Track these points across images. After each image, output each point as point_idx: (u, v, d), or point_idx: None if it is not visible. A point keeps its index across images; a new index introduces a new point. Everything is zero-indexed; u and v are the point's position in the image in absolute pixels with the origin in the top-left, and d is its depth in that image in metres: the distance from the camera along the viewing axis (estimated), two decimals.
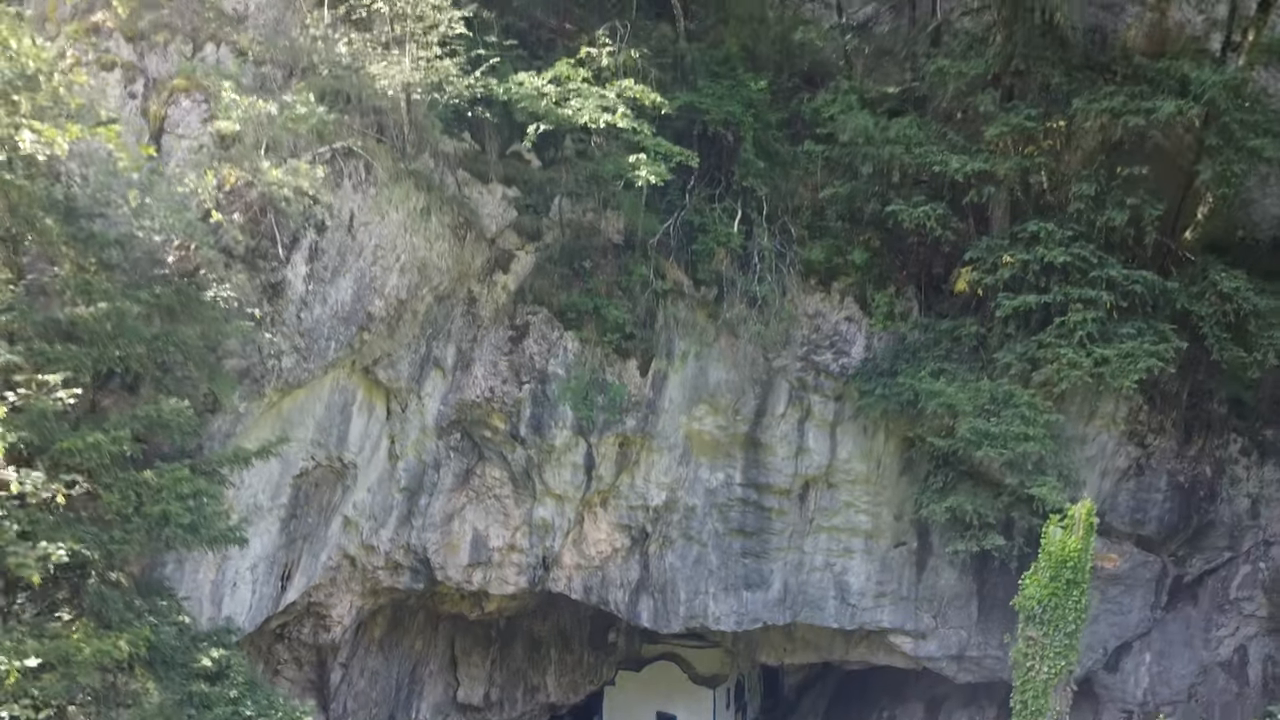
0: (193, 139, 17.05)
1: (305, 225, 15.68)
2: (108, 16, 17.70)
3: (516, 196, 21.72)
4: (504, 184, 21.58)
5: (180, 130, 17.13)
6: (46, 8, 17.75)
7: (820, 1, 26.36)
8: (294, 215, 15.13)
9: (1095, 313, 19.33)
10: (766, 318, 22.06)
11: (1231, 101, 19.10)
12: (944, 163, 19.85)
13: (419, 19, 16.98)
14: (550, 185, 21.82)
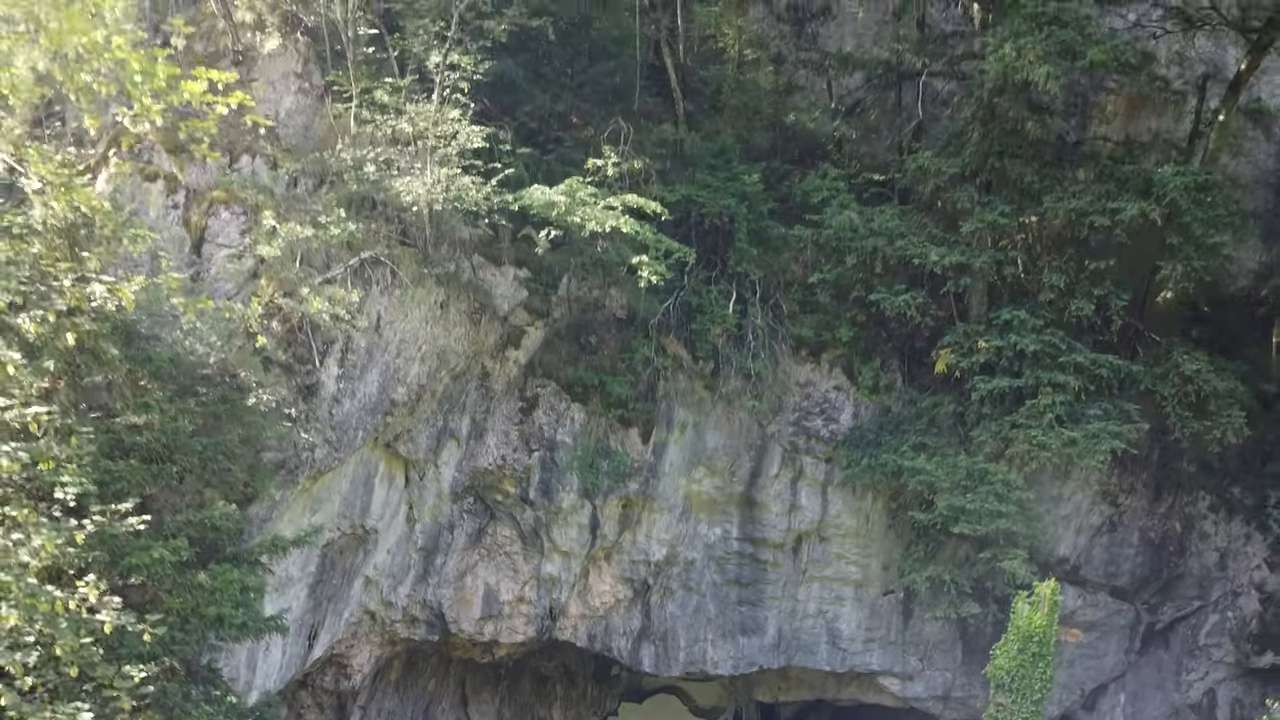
0: (232, 248, 18.66)
1: (338, 333, 17.21)
2: (149, 130, 19.28)
3: (527, 277, 23.26)
4: (515, 266, 23.12)
5: (220, 239, 18.74)
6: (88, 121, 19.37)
7: (812, 82, 27.93)
8: (328, 327, 16.67)
9: (1064, 396, 20.89)
10: (760, 391, 23.65)
11: (1192, 201, 20.67)
12: (923, 255, 21.42)
13: (440, 136, 18.51)
14: (558, 266, 23.39)
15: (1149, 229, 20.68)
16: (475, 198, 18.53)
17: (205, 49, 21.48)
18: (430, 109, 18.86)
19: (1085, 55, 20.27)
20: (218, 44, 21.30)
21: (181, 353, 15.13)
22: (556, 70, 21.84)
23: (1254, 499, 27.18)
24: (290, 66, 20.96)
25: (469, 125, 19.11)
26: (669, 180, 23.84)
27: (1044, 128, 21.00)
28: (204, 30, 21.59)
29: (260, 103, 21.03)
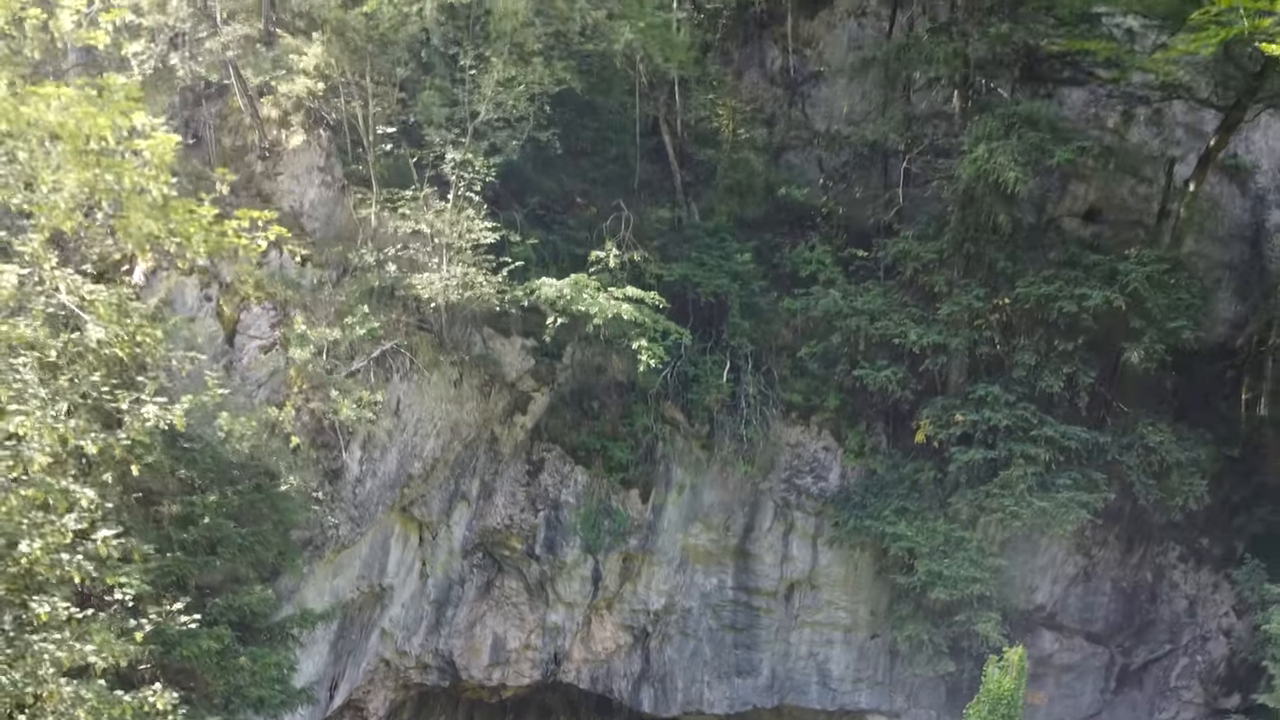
0: (262, 339, 20.21)
1: (361, 424, 18.76)
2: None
3: (534, 346, 24.77)
4: (523, 336, 24.62)
5: (251, 331, 20.28)
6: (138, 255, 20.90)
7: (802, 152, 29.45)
8: (353, 421, 18.22)
9: (1035, 467, 22.45)
10: (753, 455, 25.22)
11: (1154, 288, 22.19)
12: (903, 335, 22.99)
13: (456, 235, 20.04)
14: (563, 334, 24.90)
15: (1114, 315, 22.20)
16: (488, 292, 20.02)
17: (233, 143, 23.03)
18: (446, 208, 20.36)
19: (1054, 155, 21.82)
20: (245, 138, 22.85)
21: (222, 451, 16.64)
22: (562, 157, 23.29)
23: (1222, 550, 28.73)
24: (314, 161, 22.48)
25: (481, 222, 20.58)
26: (669, 255, 25.44)
27: (1015, 220, 22.52)
28: (231, 125, 23.17)
29: (285, 194, 22.71)
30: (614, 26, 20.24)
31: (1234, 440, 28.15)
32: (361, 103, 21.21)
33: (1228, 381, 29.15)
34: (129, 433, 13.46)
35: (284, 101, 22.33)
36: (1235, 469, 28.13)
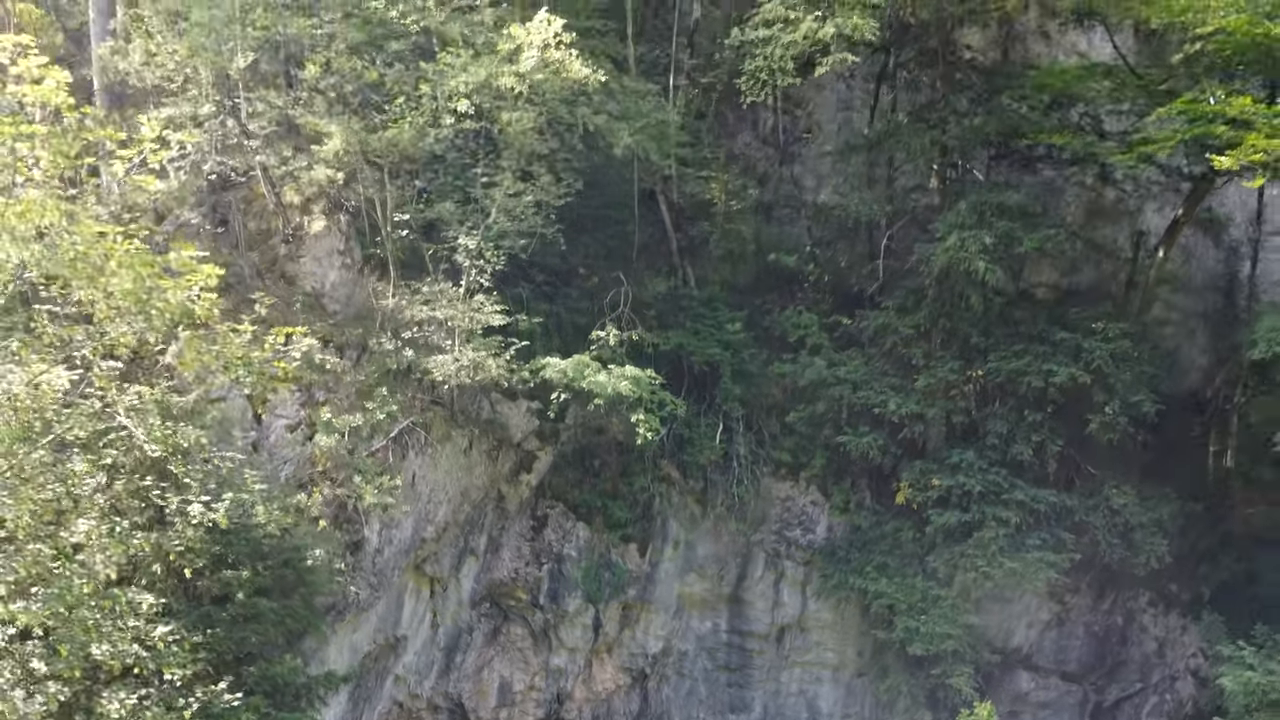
0: (289, 419, 21.86)
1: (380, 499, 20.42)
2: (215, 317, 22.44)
3: (539, 409, 26.41)
4: (528, 398, 26.26)
5: (279, 411, 21.92)
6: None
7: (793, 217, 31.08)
8: (374, 504, 19.89)
9: (1006, 529, 24.11)
10: (745, 513, 26.88)
11: (1116, 365, 23.85)
12: (883, 404, 24.66)
13: (467, 319, 21.68)
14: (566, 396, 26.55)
15: (1080, 387, 23.86)
16: (498, 373, 21.67)
17: (258, 226, 24.70)
18: (459, 293, 22.00)
19: (1023, 243, 23.48)
20: (269, 223, 24.52)
21: (255, 533, 18.27)
22: (564, 231, 24.80)
23: (1190, 595, 30.34)
24: (335, 245, 24.15)
25: (491, 306, 22.21)
26: (665, 323, 27.11)
27: (987, 299, 24.17)
28: (256, 210, 24.83)
29: (308, 276, 24.38)
30: (614, 129, 21.83)
31: (1202, 492, 29.79)
32: (379, 191, 22.83)
33: (1196, 436, 30.77)
34: (181, 538, 15.09)
35: (306, 189, 23.97)
36: (1202, 518, 29.74)
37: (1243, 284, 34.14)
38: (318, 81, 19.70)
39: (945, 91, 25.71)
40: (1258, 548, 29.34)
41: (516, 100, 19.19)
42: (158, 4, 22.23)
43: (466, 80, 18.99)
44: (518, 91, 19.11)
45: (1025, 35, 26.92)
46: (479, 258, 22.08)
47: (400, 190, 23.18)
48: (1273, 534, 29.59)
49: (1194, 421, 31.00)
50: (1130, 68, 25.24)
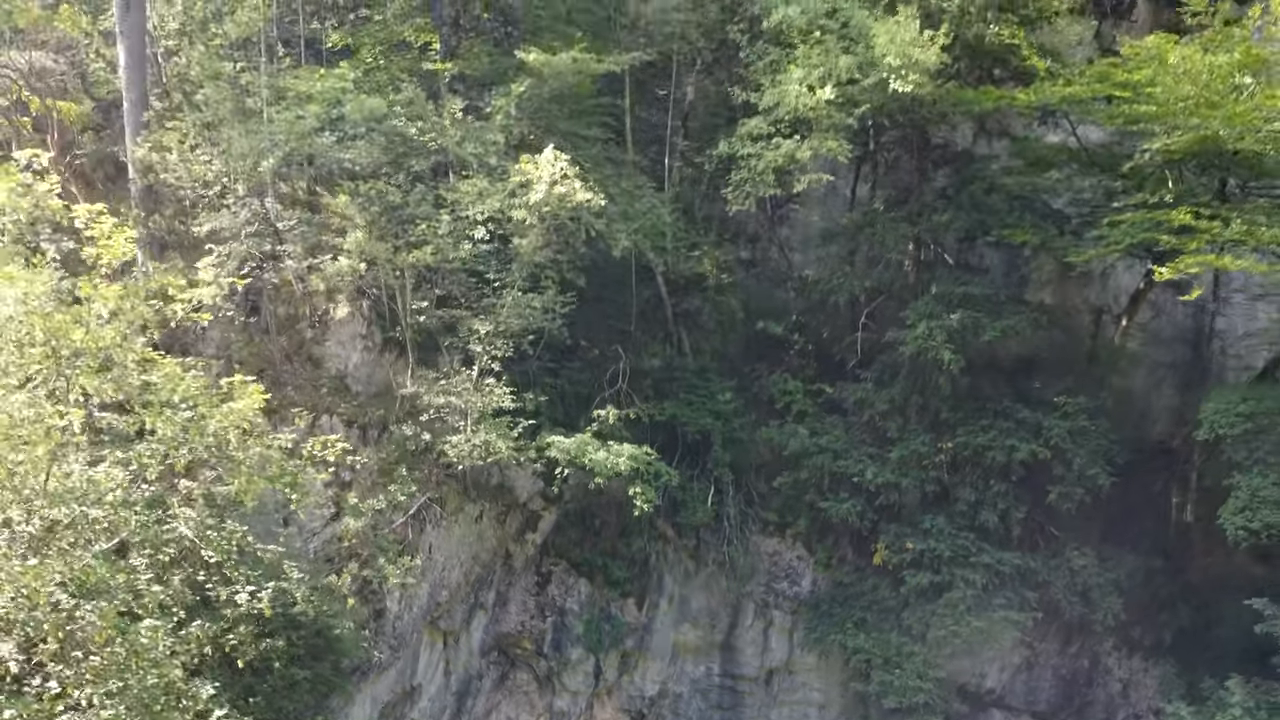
0: (317, 495, 23.96)
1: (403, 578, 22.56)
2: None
3: (544, 472, 28.53)
4: (533, 461, 28.40)
5: (307, 487, 24.02)
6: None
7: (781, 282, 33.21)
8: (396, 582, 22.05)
9: (973, 590, 26.26)
10: (735, 570, 29.05)
11: (1073, 442, 26.02)
12: (861, 473, 26.84)
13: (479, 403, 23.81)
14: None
15: (1039, 462, 26.07)
16: (508, 454, 23.81)
17: (286, 311, 26.80)
18: (471, 378, 24.12)
19: (986, 332, 25.66)
20: (296, 309, 26.63)
21: (293, 611, 20.39)
22: (568, 317, 26.84)
23: (1152, 639, 32.40)
24: (357, 329, 26.26)
25: (501, 389, 24.30)
26: (661, 392, 29.23)
27: (954, 382, 26.35)
28: (284, 296, 26.92)
29: (332, 358, 26.50)
30: (613, 232, 23.97)
31: (1165, 542, 31.87)
32: (398, 282, 24.94)
33: (1158, 492, 32.84)
34: (231, 628, 17.24)
35: (330, 278, 26.07)
36: (1162, 570, 31.83)
37: (1208, 336, 36.22)
38: (345, 207, 21.80)
39: (920, 183, 27.86)
40: (1216, 597, 31.38)
41: (526, 229, 21.35)
42: (195, 115, 24.32)
43: (482, 210, 21.14)
44: (529, 223, 21.29)
45: (994, 130, 29.04)
46: (491, 344, 24.20)
47: (417, 283, 25.32)
48: (1231, 583, 31.63)
49: (1160, 473, 33.10)
50: (1089, 155, 27.39)
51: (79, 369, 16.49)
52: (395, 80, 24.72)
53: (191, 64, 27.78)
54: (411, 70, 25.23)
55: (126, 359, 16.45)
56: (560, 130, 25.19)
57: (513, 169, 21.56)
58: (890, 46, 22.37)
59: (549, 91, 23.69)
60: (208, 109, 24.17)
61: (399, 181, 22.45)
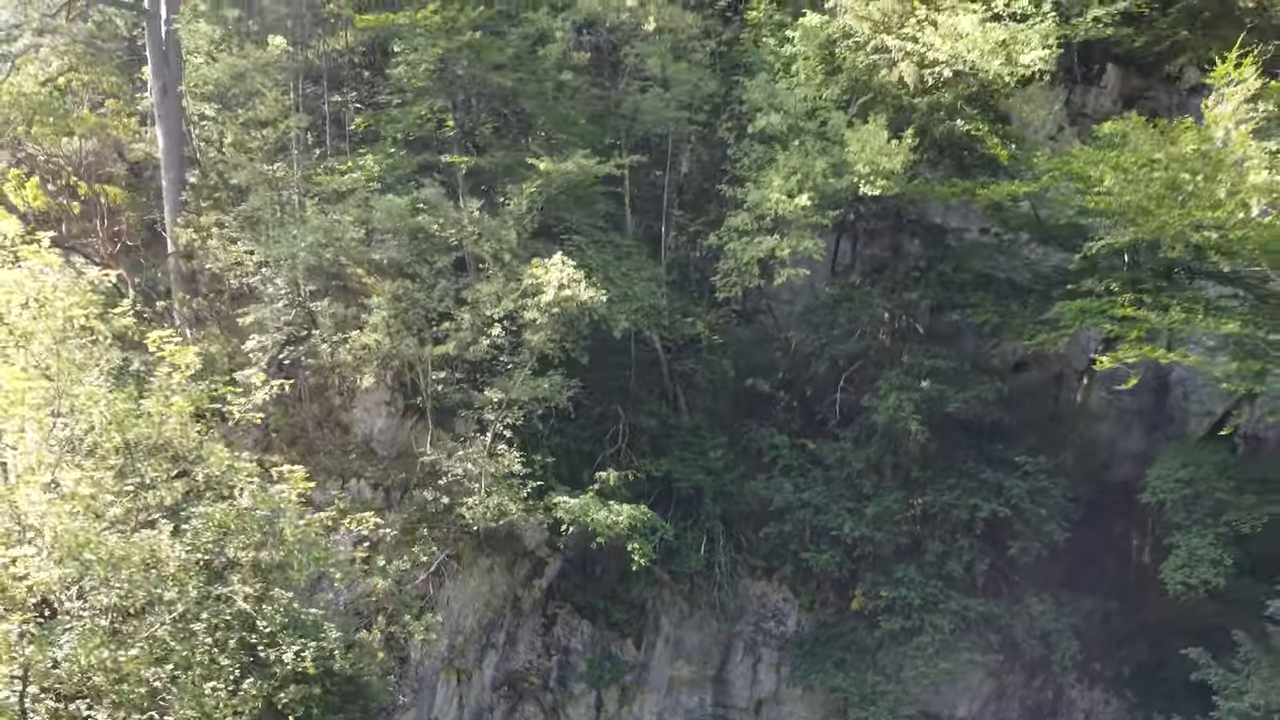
0: (345, 554, 26.55)
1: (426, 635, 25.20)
2: (283, 460, 27.16)
3: (550, 524, 31.15)
4: (539, 513, 31.04)
5: (340, 547, 26.64)
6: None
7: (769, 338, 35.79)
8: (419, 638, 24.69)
9: (941, 634, 28.90)
10: (726, 612, 31.68)
11: (1032, 501, 28.68)
12: (840, 525, 29.46)
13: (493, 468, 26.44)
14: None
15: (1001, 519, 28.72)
16: (518, 515, 26.43)
17: (317, 380, 29.42)
18: (485, 447, 26.75)
19: (950, 402, 28.32)
20: (326, 379, 29.24)
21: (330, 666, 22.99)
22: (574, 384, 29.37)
23: (1112, 673, 35.01)
24: (381, 397, 28.88)
25: (513, 454, 26.89)
26: (658, 448, 31.85)
27: (923, 447, 28.99)
28: (315, 365, 29.55)
29: (359, 423, 29.14)
30: (614, 314, 26.62)
31: (1124, 582, 34.46)
32: (419, 356, 27.56)
33: (1119, 534, 35.46)
34: (284, 690, 19.87)
35: (357, 350, 28.68)
36: (1121, 609, 34.42)
37: (1171, 385, 38.82)
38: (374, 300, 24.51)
39: (894, 259, 30.51)
40: (1168, 636, 33.98)
41: (538, 327, 24.07)
42: (237, 208, 26.97)
43: (499, 311, 23.84)
44: (539, 322, 23.97)
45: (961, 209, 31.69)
46: (503, 413, 26.83)
47: (436, 361, 27.94)
48: (1182, 624, 34.19)
49: (1122, 516, 35.71)
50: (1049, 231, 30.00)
51: (150, 462, 19.14)
52: (416, 175, 27.33)
53: (225, 146, 30.45)
54: (431, 165, 27.84)
55: (189, 453, 19.10)
56: (566, 219, 27.85)
57: (525, 272, 24.21)
58: (861, 154, 24.98)
59: (556, 188, 26.31)
60: (246, 204, 26.79)
61: (424, 275, 25.08)
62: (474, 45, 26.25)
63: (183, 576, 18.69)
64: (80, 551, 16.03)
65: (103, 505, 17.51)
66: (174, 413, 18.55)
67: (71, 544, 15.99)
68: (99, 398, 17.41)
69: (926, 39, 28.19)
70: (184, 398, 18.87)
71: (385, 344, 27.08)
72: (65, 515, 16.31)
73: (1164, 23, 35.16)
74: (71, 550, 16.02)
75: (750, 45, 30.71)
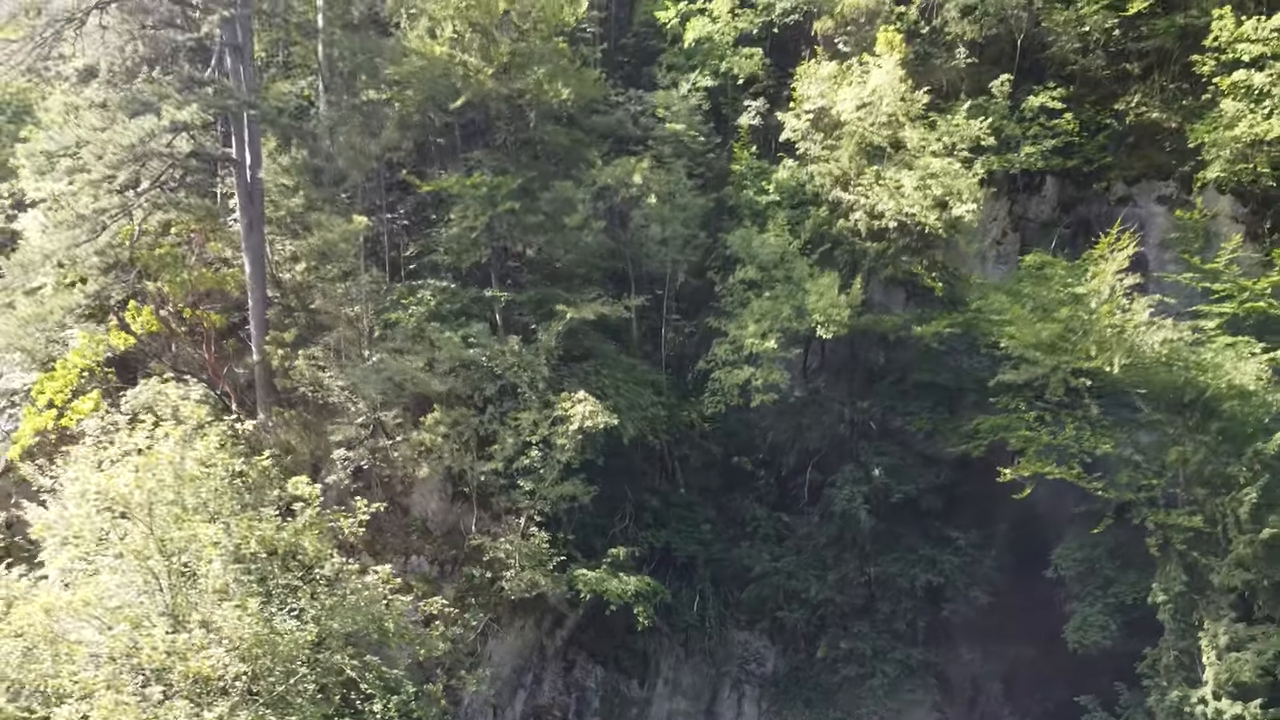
0: (410, 616, 33.30)
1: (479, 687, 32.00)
2: (355, 538, 33.83)
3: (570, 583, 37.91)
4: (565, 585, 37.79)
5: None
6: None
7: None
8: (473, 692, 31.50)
9: (888, 679, 35.66)
10: (714, 656, 38.46)
11: (961, 571, 35.41)
12: (807, 589, 36.25)
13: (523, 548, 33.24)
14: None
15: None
16: (547, 585, 33.20)
17: (379, 473, 36.20)
18: (519, 529, 33.54)
19: (895, 492, 35.19)
20: (390, 470, 35.99)
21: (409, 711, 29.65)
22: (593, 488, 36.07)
23: (1039, 708, 41.64)
24: (435, 485, 35.64)
25: (541, 536, 33.67)
26: (659, 519, 38.63)
27: (874, 526, 35.82)
28: (379, 458, 36.33)
29: (417, 506, 35.94)
30: (624, 423, 33.44)
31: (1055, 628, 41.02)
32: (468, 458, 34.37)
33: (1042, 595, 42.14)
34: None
35: (415, 447, 35.44)
36: (1047, 650, 41.08)
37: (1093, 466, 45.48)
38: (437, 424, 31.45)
39: (852, 369, 37.39)
40: (1083, 678, 40.58)
41: (564, 449, 31.00)
42: (321, 339, 33.83)
43: (535, 437, 30.76)
44: (566, 446, 30.89)
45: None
46: (534, 502, 33.63)
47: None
48: (1099, 663, 40.90)
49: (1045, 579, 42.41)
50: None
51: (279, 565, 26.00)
52: (467, 308, 34.19)
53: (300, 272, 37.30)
54: (476, 298, 34.73)
55: (313, 560, 25.96)
56: (585, 344, 34.72)
57: (556, 401, 31.14)
58: (818, 304, 31.82)
59: (577, 322, 33.21)
60: (330, 337, 33.67)
61: (475, 401, 31.97)
62: (514, 211, 33.11)
63: (308, 653, 25.45)
64: (254, 649, 22.78)
65: (258, 605, 24.24)
66: (307, 533, 25.36)
67: (252, 642, 22.75)
68: (256, 527, 24.23)
69: (875, 194, 35.05)
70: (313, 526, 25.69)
71: (445, 458, 33.83)
72: (240, 619, 23.10)
73: (1091, 147, 41.63)
74: (251, 645, 22.78)
75: (735, 192, 37.58)
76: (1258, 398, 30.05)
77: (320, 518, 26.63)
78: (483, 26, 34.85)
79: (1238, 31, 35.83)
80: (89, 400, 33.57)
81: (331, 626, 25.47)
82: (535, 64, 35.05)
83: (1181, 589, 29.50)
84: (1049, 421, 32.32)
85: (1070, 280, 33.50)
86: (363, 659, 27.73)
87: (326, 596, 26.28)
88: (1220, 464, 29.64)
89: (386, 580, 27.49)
